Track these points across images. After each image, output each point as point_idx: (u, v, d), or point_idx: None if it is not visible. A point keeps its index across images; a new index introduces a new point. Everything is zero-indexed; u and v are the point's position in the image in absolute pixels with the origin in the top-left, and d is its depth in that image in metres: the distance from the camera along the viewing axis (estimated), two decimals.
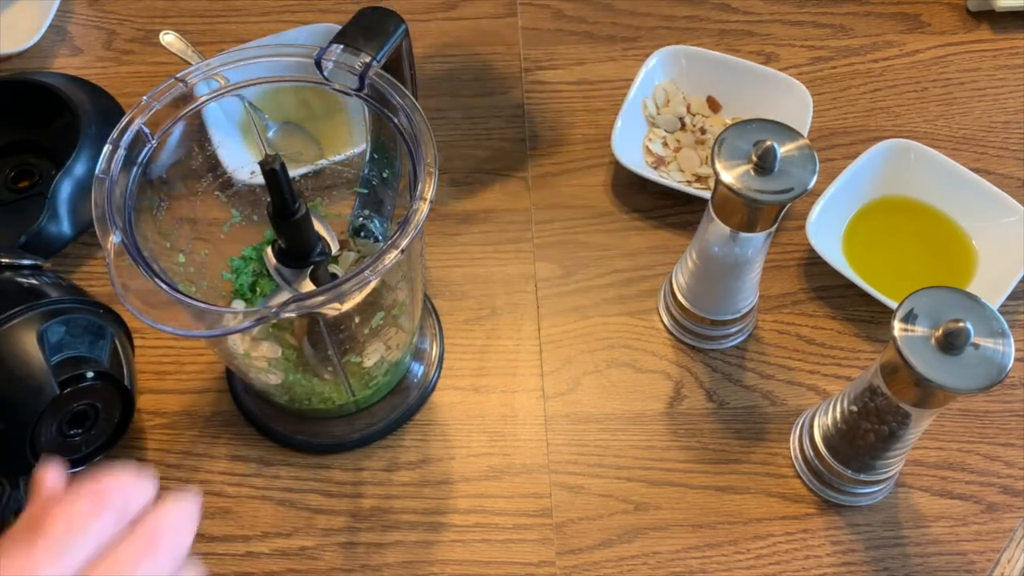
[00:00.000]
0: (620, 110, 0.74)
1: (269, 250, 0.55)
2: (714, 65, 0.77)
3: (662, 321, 0.68)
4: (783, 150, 0.53)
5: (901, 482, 0.61)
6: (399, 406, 0.64)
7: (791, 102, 0.73)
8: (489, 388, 0.65)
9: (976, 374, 0.47)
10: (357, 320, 0.55)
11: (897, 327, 0.48)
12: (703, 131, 0.75)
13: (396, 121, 0.50)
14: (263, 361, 0.57)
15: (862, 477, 0.58)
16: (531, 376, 0.65)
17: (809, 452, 0.60)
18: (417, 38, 0.78)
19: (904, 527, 0.60)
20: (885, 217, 0.71)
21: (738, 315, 0.65)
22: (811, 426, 0.60)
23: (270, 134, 0.70)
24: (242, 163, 0.61)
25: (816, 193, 0.68)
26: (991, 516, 0.60)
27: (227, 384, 0.65)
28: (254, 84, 0.53)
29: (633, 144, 0.75)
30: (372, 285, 0.49)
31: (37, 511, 0.35)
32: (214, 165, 0.59)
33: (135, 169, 0.49)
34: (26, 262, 0.59)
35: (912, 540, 0.59)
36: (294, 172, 0.63)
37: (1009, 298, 0.65)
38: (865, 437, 0.55)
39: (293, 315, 0.44)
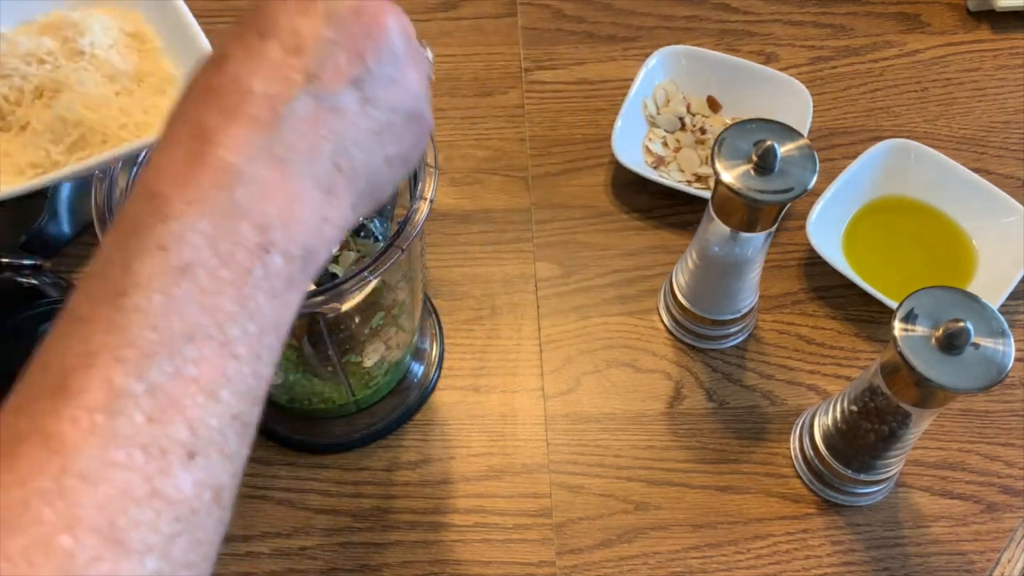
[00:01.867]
0: (620, 110, 0.74)
1: None
2: (714, 65, 0.77)
3: (662, 321, 0.68)
4: (783, 150, 0.53)
5: (901, 482, 0.61)
6: (399, 406, 0.64)
7: (791, 102, 0.73)
8: (489, 388, 0.65)
9: (976, 374, 0.47)
10: (357, 320, 0.55)
11: (897, 327, 0.48)
12: (703, 131, 0.75)
13: None
14: None
15: (862, 477, 0.58)
16: (531, 376, 0.65)
17: (809, 452, 0.60)
18: None
19: (904, 527, 0.60)
20: (885, 217, 0.71)
21: (738, 315, 0.65)
22: (811, 426, 0.60)
23: None
24: None
25: (816, 193, 0.68)
26: (991, 516, 0.60)
27: None
28: None
29: (633, 144, 0.75)
30: (372, 285, 0.49)
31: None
32: None
33: (135, 169, 0.49)
34: (26, 262, 0.59)
35: (912, 540, 0.59)
36: None
37: (1009, 298, 0.65)
38: (865, 437, 0.55)
39: None
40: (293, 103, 0.30)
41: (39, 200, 0.69)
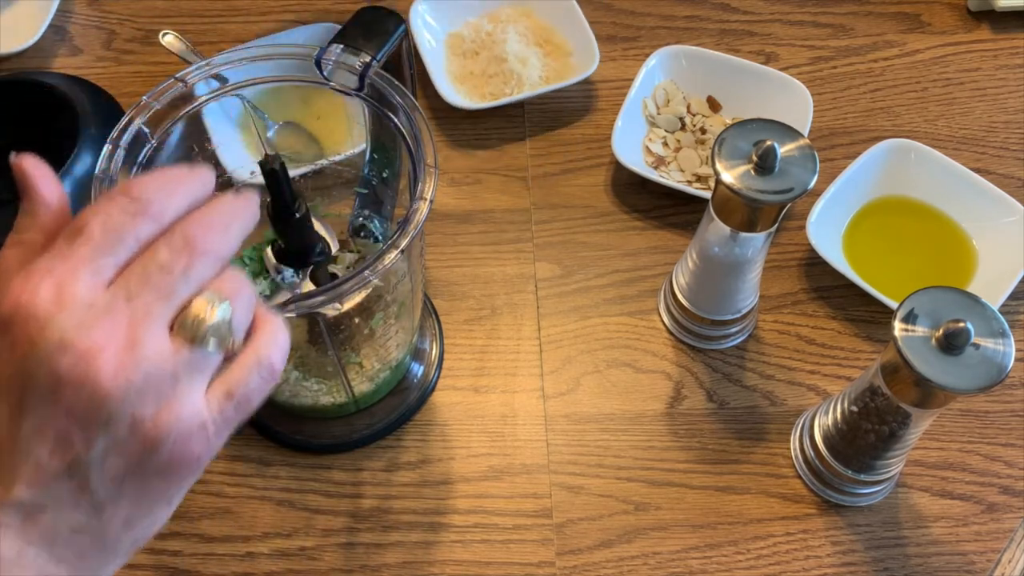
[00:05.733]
0: (620, 110, 0.74)
1: (269, 250, 0.55)
2: (714, 65, 0.77)
3: (662, 321, 0.68)
4: (783, 150, 0.53)
5: (901, 482, 0.61)
6: (399, 406, 0.64)
7: (791, 102, 0.73)
8: (489, 388, 0.65)
9: (976, 374, 0.47)
10: (357, 320, 0.55)
11: (897, 327, 0.48)
12: (703, 131, 0.75)
13: (396, 121, 0.50)
14: None
15: (862, 477, 0.58)
16: (531, 376, 0.65)
17: (809, 452, 0.60)
18: None
19: (904, 527, 0.60)
20: (885, 217, 0.71)
21: (738, 315, 0.65)
22: (811, 426, 0.60)
23: (270, 134, 0.70)
24: (242, 163, 0.61)
25: (816, 193, 0.68)
26: (991, 516, 0.60)
27: None
28: (254, 84, 0.53)
29: (633, 144, 0.75)
30: (372, 285, 0.49)
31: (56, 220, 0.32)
32: (214, 165, 0.59)
33: (135, 169, 0.49)
34: None
35: (912, 540, 0.59)
36: (294, 172, 0.63)
37: (1009, 298, 0.65)
38: (865, 437, 0.55)
39: (293, 315, 0.44)
40: None
41: None
